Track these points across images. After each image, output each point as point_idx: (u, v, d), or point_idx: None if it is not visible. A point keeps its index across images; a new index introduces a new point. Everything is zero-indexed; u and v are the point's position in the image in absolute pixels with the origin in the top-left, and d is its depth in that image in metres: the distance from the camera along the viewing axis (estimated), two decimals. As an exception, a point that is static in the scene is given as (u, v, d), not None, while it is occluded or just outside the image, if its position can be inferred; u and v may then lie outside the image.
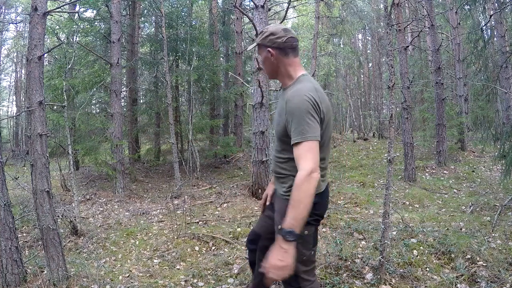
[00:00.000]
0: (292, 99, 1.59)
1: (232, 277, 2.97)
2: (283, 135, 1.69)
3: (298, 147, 1.55)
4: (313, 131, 1.54)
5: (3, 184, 2.77)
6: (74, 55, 6.99)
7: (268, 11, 6.08)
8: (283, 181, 1.75)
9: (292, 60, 1.73)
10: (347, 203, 5.02)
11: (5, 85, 22.90)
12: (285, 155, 1.73)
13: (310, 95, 1.57)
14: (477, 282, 2.61)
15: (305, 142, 1.53)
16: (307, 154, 1.52)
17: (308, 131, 1.53)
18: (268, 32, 1.72)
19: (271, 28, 1.74)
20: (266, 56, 1.75)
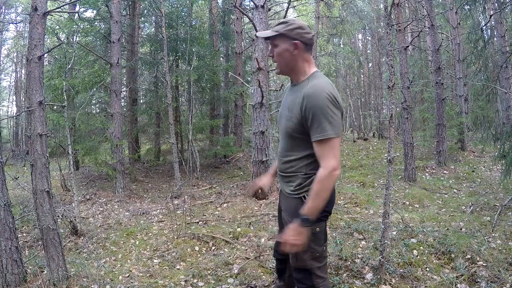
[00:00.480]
0: (312, 95, 1.58)
1: (232, 277, 2.97)
2: (295, 132, 1.68)
3: (321, 144, 1.57)
4: (334, 128, 1.56)
5: (3, 184, 2.77)
6: (74, 55, 6.99)
7: (268, 11, 6.08)
8: (291, 179, 1.75)
9: (308, 56, 1.73)
10: (347, 203, 5.02)
11: (5, 85, 22.91)
12: (294, 152, 1.72)
13: (329, 91, 1.58)
14: (477, 282, 2.61)
15: (328, 139, 1.55)
16: (330, 152, 1.56)
17: (330, 128, 1.55)
18: (296, 25, 1.67)
19: (298, 21, 1.70)
20: (287, 48, 1.69)
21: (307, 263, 1.72)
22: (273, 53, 1.73)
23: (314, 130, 1.58)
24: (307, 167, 1.70)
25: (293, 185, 1.73)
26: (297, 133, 1.67)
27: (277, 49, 1.71)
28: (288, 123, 1.71)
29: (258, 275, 2.95)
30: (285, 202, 1.81)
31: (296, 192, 1.72)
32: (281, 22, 1.72)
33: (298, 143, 1.70)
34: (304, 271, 1.75)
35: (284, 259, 2.08)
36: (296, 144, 1.71)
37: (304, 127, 1.63)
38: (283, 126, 1.77)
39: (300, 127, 1.65)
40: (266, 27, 5.78)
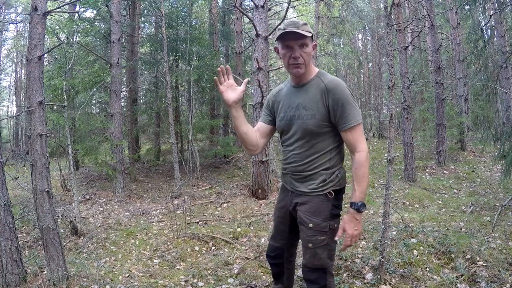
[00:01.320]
0: (335, 87, 1.67)
1: (232, 277, 2.97)
2: (320, 127, 1.71)
3: (353, 130, 1.67)
4: (360, 115, 1.69)
5: (3, 184, 2.77)
6: (74, 55, 7.00)
7: (268, 11, 6.08)
8: (312, 177, 1.76)
9: None
10: (347, 203, 5.01)
11: (5, 85, 22.91)
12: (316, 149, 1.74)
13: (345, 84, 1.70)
14: (477, 282, 2.61)
15: (358, 125, 1.66)
16: (361, 137, 1.68)
17: (358, 115, 1.67)
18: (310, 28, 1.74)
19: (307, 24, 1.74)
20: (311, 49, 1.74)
21: (325, 261, 1.74)
22: (300, 53, 1.70)
23: (345, 118, 1.66)
24: (329, 162, 1.75)
25: (315, 182, 1.75)
26: (322, 128, 1.71)
27: (307, 49, 1.71)
28: (309, 121, 1.72)
29: (258, 275, 2.95)
30: (304, 201, 1.79)
31: (320, 189, 1.74)
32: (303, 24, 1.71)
33: (321, 139, 1.73)
34: (320, 271, 1.76)
35: (280, 263, 2.09)
36: (320, 140, 1.74)
37: (329, 120, 1.70)
38: (300, 126, 1.75)
39: (324, 121, 1.70)
40: (266, 27, 5.78)
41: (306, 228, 1.76)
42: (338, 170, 1.75)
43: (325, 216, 1.73)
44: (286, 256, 2.07)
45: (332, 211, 1.75)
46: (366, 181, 1.66)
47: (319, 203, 1.74)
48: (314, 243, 1.74)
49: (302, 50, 1.70)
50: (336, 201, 1.76)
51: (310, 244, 1.75)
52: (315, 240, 1.73)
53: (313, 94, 1.71)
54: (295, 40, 1.68)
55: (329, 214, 1.74)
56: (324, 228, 1.73)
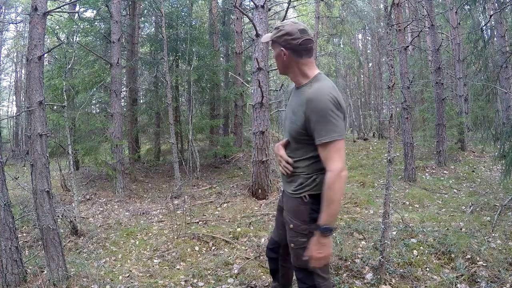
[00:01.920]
0: (314, 98, 1.59)
1: (232, 277, 2.97)
2: (298, 134, 1.69)
3: (326, 147, 1.58)
4: (339, 130, 1.57)
5: (3, 184, 2.77)
6: (74, 55, 7.00)
7: (268, 11, 6.08)
8: (292, 179, 1.76)
9: (306, 60, 1.71)
10: (347, 203, 5.02)
11: (5, 85, 22.90)
12: (297, 154, 1.74)
13: (331, 94, 1.59)
14: (477, 282, 2.61)
15: (332, 142, 1.56)
16: (335, 155, 1.57)
17: (334, 131, 1.56)
18: (284, 31, 1.68)
19: (287, 26, 1.69)
20: (278, 53, 1.73)
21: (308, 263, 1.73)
22: (275, 58, 1.76)
23: (318, 133, 1.58)
24: (309, 167, 1.71)
25: (294, 184, 1.74)
26: (301, 135, 1.68)
27: (275, 53, 1.75)
28: (292, 125, 1.72)
29: (258, 275, 2.95)
30: (287, 202, 1.82)
31: (297, 192, 1.73)
32: (275, 28, 1.73)
33: (301, 146, 1.71)
34: (305, 271, 1.75)
35: (276, 257, 2.12)
36: (300, 147, 1.72)
37: (307, 130, 1.64)
38: (287, 128, 1.78)
39: (303, 130, 1.65)
40: (266, 27, 5.78)
41: (288, 229, 1.79)
42: (317, 175, 1.67)
43: (303, 219, 1.72)
44: (282, 252, 2.08)
45: (311, 215, 1.69)
46: (335, 205, 1.57)
47: (297, 205, 1.73)
48: (295, 244, 1.75)
49: (276, 54, 1.74)
50: (315, 205, 1.68)
51: (293, 245, 1.77)
52: (296, 241, 1.75)
53: (300, 100, 1.68)
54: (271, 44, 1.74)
55: (308, 217, 1.71)
56: (304, 231, 1.71)
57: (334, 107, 1.57)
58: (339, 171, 1.54)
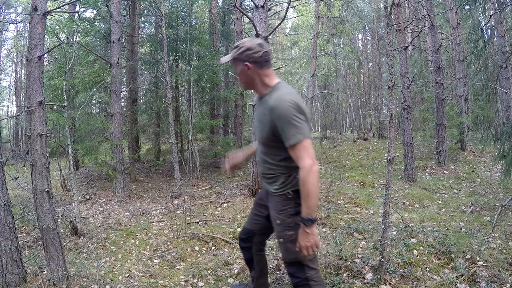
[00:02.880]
0: (276, 106, 1.73)
1: (232, 277, 2.97)
2: (268, 140, 1.85)
3: (294, 148, 1.73)
4: (303, 131, 1.72)
5: (3, 184, 2.76)
6: (74, 55, 6.99)
7: (268, 11, 6.08)
8: (273, 180, 1.90)
9: (266, 71, 1.88)
10: (347, 203, 5.02)
11: (5, 85, 22.90)
12: (272, 158, 1.89)
13: (291, 99, 1.73)
14: (477, 282, 2.61)
15: (298, 143, 1.71)
16: (303, 153, 1.71)
17: (299, 133, 1.70)
18: (245, 48, 1.84)
19: (247, 43, 1.85)
20: (242, 69, 1.88)
21: (298, 255, 1.83)
22: (237, 73, 1.92)
23: (285, 137, 1.73)
24: (287, 167, 1.85)
25: (277, 183, 1.88)
26: (271, 141, 1.83)
27: (238, 70, 1.90)
28: (262, 133, 1.88)
29: (258, 275, 2.94)
30: (272, 200, 1.97)
31: (280, 190, 1.88)
32: (234, 47, 1.90)
33: (275, 150, 1.85)
34: (297, 264, 1.86)
35: (249, 246, 2.29)
36: (274, 151, 1.86)
37: (276, 136, 1.79)
38: (258, 136, 1.95)
39: (272, 136, 1.80)
40: (266, 27, 5.78)
41: (275, 225, 1.92)
42: (296, 173, 1.79)
43: (288, 213, 1.86)
44: (256, 241, 2.26)
45: (296, 208, 1.83)
46: (312, 197, 1.70)
47: (282, 202, 1.88)
48: (284, 238, 1.87)
49: (238, 70, 1.91)
50: (299, 199, 1.80)
51: (281, 240, 1.89)
52: (284, 235, 1.87)
53: (265, 109, 1.83)
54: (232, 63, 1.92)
55: (293, 210, 1.85)
56: (290, 223, 1.85)
57: (295, 111, 1.71)
58: (310, 167, 1.69)
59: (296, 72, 19.12)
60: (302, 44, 17.52)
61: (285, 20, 14.48)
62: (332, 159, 10.00)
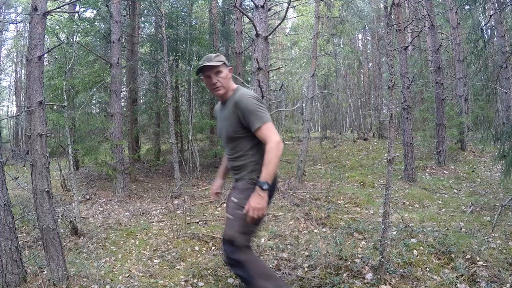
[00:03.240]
0: (241, 100, 2.06)
1: (232, 277, 2.97)
2: (236, 132, 2.12)
3: (262, 130, 2.01)
4: (266, 115, 2.04)
5: (3, 184, 2.76)
6: (74, 55, 6.98)
7: (268, 11, 6.08)
8: (243, 169, 2.17)
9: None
10: (347, 203, 5.02)
11: (5, 85, 22.90)
12: (240, 149, 2.16)
13: (251, 94, 2.11)
14: (477, 282, 2.61)
15: (263, 125, 2.00)
16: (270, 133, 2.00)
17: (262, 117, 2.02)
18: (223, 57, 2.22)
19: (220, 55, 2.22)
20: (227, 74, 2.20)
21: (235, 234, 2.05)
22: (217, 79, 2.16)
23: (253, 122, 2.02)
24: (254, 156, 2.13)
25: (246, 171, 2.15)
26: (238, 133, 2.11)
27: (222, 74, 2.17)
28: (229, 129, 2.15)
29: (258, 275, 2.94)
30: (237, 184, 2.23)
31: (248, 176, 2.14)
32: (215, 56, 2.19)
33: (241, 141, 2.14)
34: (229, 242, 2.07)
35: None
36: (240, 142, 2.14)
37: (243, 126, 2.08)
38: (224, 136, 2.21)
39: (240, 127, 2.09)
40: (266, 27, 5.77)
41: (230, 203, 2.15)
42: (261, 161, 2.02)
43: (248, 195, 2.05)
44: None
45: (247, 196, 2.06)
46: (272, 165, 1.94)
47: (245, 185, 2.13)
48: (234, 215, 2.09)
49: (218, 76, 2.16)
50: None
51: (231, 217, 2.11)
52: (235, 213, 2.09)
53: (230, 108, 2.13)
54: (211, 70, 2.15)
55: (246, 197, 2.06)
56: (244, 204, 2.05)
57: (257, 101, 2.05)
58: (277, 142, 1.97)
59: (296, 72, 19.11)
60: (302, 44, 17.51)
61: (285, 20, 14.48)
62: (332, 159, 10.00)
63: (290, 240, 3.67)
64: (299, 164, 6.60)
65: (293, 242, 3.59)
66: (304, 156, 6.81)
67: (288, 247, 3.47)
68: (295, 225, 4.12)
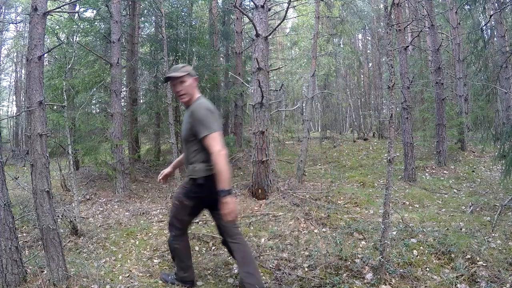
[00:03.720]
0: (195, 109, 2.40)
1: (232, 277, 2.97)
2: (189, 136, 2.46)
3: (204, 139, 2.32)
4: (214, 126, 2.31)
5: (3, 184, 2.76)
6: (74, 55, 6.97)
7: (268, 11, 6.08)
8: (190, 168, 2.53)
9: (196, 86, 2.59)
10: (347, 203, 5.02)
11: (5, 85, 22.89)
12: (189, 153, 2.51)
13: (206, 105, 2.42)
14: (477, 282, 2.61)
15: (206, 136, 2.30)
16: (214, 141, 2.28)
17: (211, 127, 2.30)
18: (189, 67, 2.57)
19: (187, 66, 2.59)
20: (192, 83, 2.53)
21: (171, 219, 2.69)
22: (181, 88, 2.50)
23: (200, 131, 2.33)
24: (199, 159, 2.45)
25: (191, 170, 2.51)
26: (190, 137, 2.46)
27: (186, 84, 2.50)
28: (185, 132, 2.50)
29: (258, 275, 2.94)
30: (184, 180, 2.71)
31: (191, 175, 2.50)
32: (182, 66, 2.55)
33: (192, 144, 2.48)
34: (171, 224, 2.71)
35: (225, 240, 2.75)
36: (191, 146, 2.48)
37: (193, 132, 2.40)
38: (182, 137, 2.59)
39: (191, 133, 2.43)
40: (266, 27, 5.78)
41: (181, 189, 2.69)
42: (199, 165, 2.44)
43: (184, 191, 2.60)
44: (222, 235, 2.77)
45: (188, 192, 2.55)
46: (224, 173, 2.23)
47: (187, 183, 2.61)
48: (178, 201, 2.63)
49: (182, 86, 2.50)
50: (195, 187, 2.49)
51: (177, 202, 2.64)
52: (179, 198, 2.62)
53: (188, 114, 2.46)
54: (175, 80, 2.51)
55: (187, 191, 2.57)
56: (179, 198, 2.62)
57: (208, 113, 2.35)
58: (219, 151, 2.25)
59: (296, 72, 19.11)
60: (302, 44, 17.51)
61: (285, 20, 14.47)
62: (332, 159, 10.00)
63: (290, 240, 3.67)
64: (299, 164, 6.60)
65: (293, 242, 3.59)
66: (304, 156, 6.81)
67: (288, 247, 3.47)
68: (295, 225, 4.12)
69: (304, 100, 15.87)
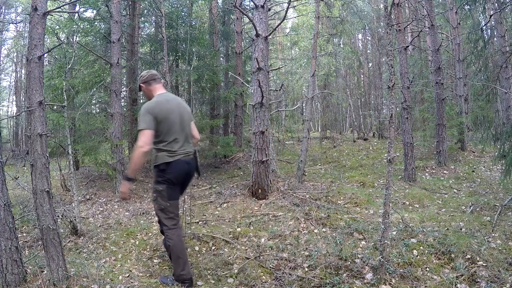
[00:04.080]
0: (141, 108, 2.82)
1: (232, 277, 2.97)
2: None
3: (139, 132, 2.71)
4: (144, 124, 2.70)
5: (3, 184, 2.76)
6: (74, 55, 6.97)
7: (268, 11, 6.08)
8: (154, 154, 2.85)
9: (154, 86, 3.01)
10: (347, 203, 5.02)
11: (5, 85, 22.89)
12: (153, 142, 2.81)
13: (148, 106, 2.80)
14: (477, 282, 2.61)
15: (140, 131, 2.71)
16: (141, 137, 2.69)
17: (141, 125, 2.71)
18: (144, 73, 3.04)
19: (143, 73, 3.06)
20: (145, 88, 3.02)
21: (156, 211, 2.91)
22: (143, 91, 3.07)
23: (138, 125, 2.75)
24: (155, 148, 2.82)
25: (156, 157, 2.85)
26: None
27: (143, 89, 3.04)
28: None
29: (258, 275, 2.95)
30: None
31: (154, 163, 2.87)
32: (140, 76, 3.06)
33: None
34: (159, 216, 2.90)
35: None
36: None
37: None
38: None
39: None
40: (266, 27, 5.78)
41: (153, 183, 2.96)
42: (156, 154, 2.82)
43: (154, 180, 2.91)
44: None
45: (157, 178, 2.86)
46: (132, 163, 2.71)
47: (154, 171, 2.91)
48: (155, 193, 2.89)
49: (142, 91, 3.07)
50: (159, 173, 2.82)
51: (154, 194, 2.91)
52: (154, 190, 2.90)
53: None
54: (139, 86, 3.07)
55: (156, 180, 2.88)
56: (153, 188, 2.90)
57: (144, 112, 2.74)
58: (138, 146, 2.66)
59: (296, 72, 19.10)
60: (302, 44, 17.51)
61: (285, 20, 14.48)
62: (332, 159, 10.00)
63: (290, 240, 3.67)
64: (299, 164, 6.60)
65: (293, 242, 3.59)
66: (304, 156, 6.81)
67: (288, 247, 3.47)
68: (295, 225, 4.12)
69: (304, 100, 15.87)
